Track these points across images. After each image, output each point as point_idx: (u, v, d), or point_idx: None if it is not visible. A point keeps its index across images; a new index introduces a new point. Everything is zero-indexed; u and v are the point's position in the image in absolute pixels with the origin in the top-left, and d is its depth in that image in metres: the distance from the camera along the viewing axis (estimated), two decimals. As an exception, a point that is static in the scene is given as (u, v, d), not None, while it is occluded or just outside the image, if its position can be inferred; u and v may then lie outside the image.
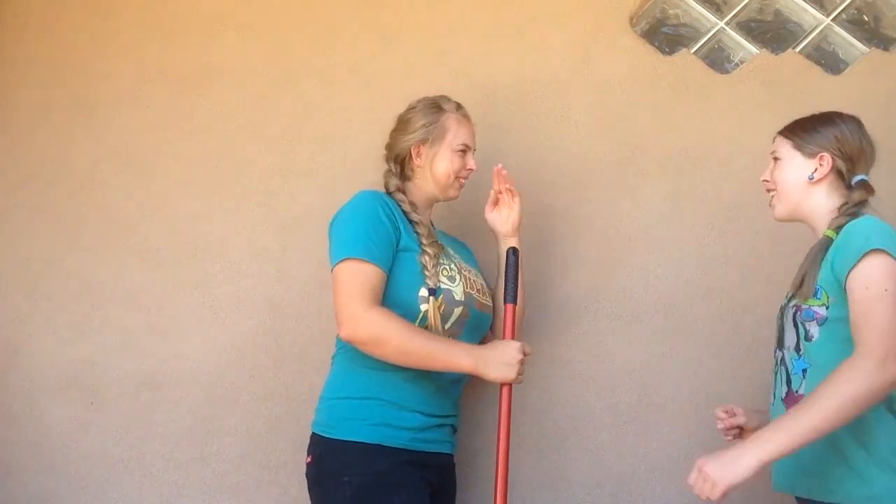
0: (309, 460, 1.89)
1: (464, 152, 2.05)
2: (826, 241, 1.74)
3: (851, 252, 1.64)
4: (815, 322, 1.71)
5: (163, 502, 2.30)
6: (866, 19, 2.54)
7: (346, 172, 2.42)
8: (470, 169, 2.07)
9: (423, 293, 1.88)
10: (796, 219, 1.87)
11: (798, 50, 2.47)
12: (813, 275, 1.72)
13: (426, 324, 1.87)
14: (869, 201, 1.80)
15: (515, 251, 2.01)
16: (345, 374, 1.93)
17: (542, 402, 2.26)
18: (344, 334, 1.82)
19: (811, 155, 1.81)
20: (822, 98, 2.26)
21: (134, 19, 2.60)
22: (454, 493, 2.04)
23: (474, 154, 2.08)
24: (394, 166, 2.06)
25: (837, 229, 1.73)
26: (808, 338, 1.73)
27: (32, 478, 2.34)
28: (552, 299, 2.32)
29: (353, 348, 1.84)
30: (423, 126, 2.03)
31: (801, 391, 1.73)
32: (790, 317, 1.78)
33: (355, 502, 1.78)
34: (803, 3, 2.53)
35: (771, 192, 1.88)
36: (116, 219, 2.48)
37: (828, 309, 1.69)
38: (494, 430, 1.89)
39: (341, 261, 1.85)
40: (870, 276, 1.61)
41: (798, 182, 1.82)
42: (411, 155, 2.04)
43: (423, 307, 1.87)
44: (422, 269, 1.89)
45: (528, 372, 1.96)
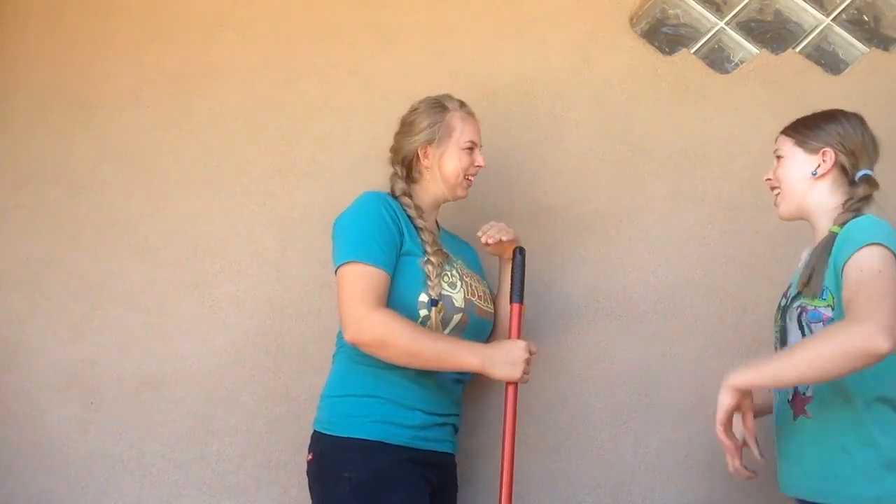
0: (310, 458, 1.88)
1: (471, 149, 2.03)
2: (831, 238, 1.73)
3: (851, 245, 1.64)
4: (821, 323, 1.69)
5: (163, 502, 2.30)
6: (866, 19, 2.54)
7: (346, 172, 2.42)
8: (478, 166, 2.05)
9: (422, 298, 1.87)
10: (800, 216, 1.86)
11: (798, 50, 2.47)
12: (821, 272, 1.70)
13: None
14: (874, 196, 1.79)
15: (522, 251, 2.02)
16: (346, 372, 1.92)
17: (542, 402, 2.26)
18: (349, 337, 1.81)
19: (814, 151, 1.81)
20: (822, 98, 2.25)
21: (134, 19, 2.61)
22: (455, 493, 2.03)
23: (481, 150, 2.07)
24: (400, 169, 2.04)
25: (842, 225, 1.72)
26: None
27: (32, 478, 2.34)
28: (552, 299, 2.32)
29: (354, 346, 1.84)
30: (428, 126, 2.01)
31: (808, 393, 1.72)
32: (795, 317, 1.76)
33: (354, 499, 1.77)
34: (803, 3, 2.53)
35: (775, 191, 1.88)
36: (116, 219, 2.48)
37: (833, 310, 1.69)
38: (495, 430, 1.89)
39: (345, 263, 1.84)
40: (865, 261, 1.61)
41: (801, 178, 1.82)
42: (418, 156, 2.02)
43: (421, 312, 1.86)
44: (425, 276, 1.89)
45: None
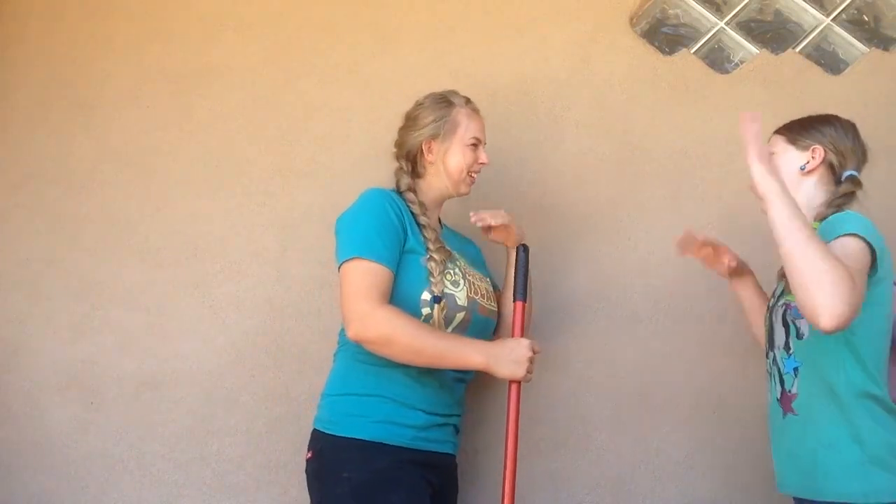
0: (309, 456, 1.87)
1: (475, 146, 2.02)
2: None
3: (829, 235, 1.66)
4: (804, 319, 1.71)
5: (163, 502, 2.30)
6: (866, 19, 2.54)
7: (346, 172, 2.42)
8: (482, 163, 2.04)
9: (425, 297, 1.86)
10: None
11: (798, 50, 2.47)
12: None
13: None
14: (857, 195, 1.82)
15: (526, 248, 2.01)
16: (347, 371, 1.91)
17: (542, 402, 2.26)
18: (352, 334, 1.79)
19: (805, 148, 1.85)
20: (822, 98, 2.26)
21: (134, 19, 2.61)
22: (455, 495, 2.01)
23: (485, 147, 2.06)
24: (405, 164, 2.03)
25: (823, 220, 1.75)
26: (799, 335, 1.73)
27: (32, 478, 2.33)
28: (552, 299, 2.32)
29: (356, 344, 1.82)
30: (433, 121, 2.01)
31: (794, 390, 1.73)
32: (779, 315, 1.79)
33: (353, 499, 1.76)
34: (803, 3, 2.53)
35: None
36: (116, 219, 2.48)
37: None
38: (495, 430, 1.89)
39: (349, 259, 1.83)
40: (838, 249, 1.61)
41: (790, 173, 1.85)
42: (422, 151, 2.01)
43: (424, 311, 1.86)
44: (427, 274, 1.88)
45: (529, 372, 1.96)
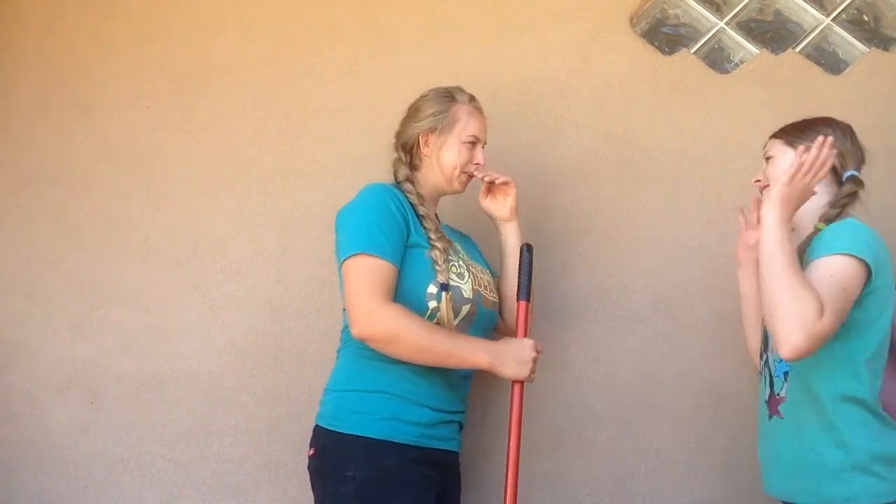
0: (311, 453, 1.85)
1: (473, 144, 2.01)
2: (814, 234, 1.75)
3: (823, 249, 1.66)
4: None
5: (163, 502, 2.30)
6: (866, 19, 2.54)
7: (346, 172, 2.42)
8: (477, 163, 2.02)
9: (431, 290, 1.84)
10: None
11: (798, 50, 2.47)
12: None
13: (435, 321, 1.83)
14: (859, 195, 1.80)
15: (530, 248, 2.00)
16: (352, 367, 1.88)
17: (542, 401, 2.26)
18: (357, 332, 1.78)
19: (804, 151, 1.80)
20: (822, 98, 2.26)
21: (134, 19, 2.60)
22: (459, 494, 1.99)
23: (484, 148, 2.05)
24: (403, 155, 2.02)
25: (828, 221, 1.74)
26: None
27: (32, 478, 2.34)
28: (552, 299, 2.32)
29: (362, 341, 1.80)
30: (432, 114, 1.99)
31: (782, 393, 1.74)
32: None
33: (358, 499, 1.74)
34: (803, 3, 2.53)
35: (765, 191, 1.88)
36: (116, 219, 2.48)
37: None
38: (496, 430, 1.89)
39: (352, 256, 1.81)
40: (829, 264, 1.63)
41: None
42: (419, 143, 2.00)
43: (430, 304, 1.84)
44: (431, 264, 1.86)
45: (529, 371, 1.96)
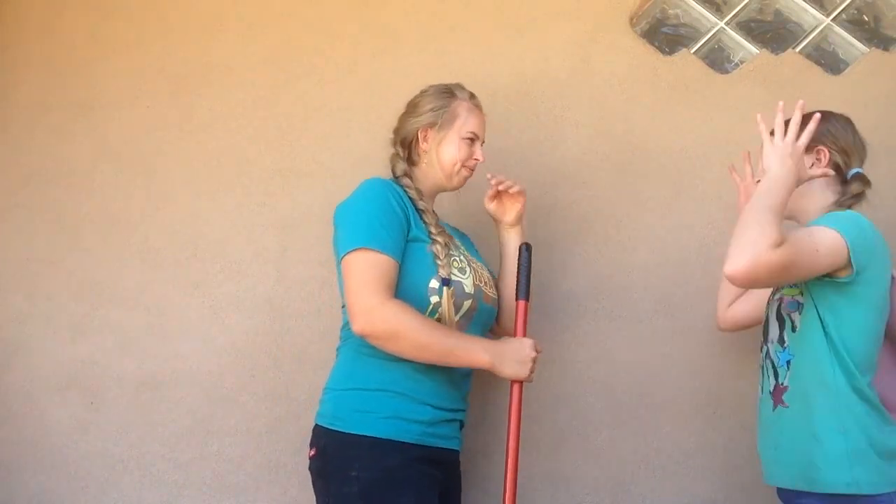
0: (312, 453, 1.84)
1: (472, 141, 2.00)
2: None
3: (823, 221, 1.68)
4: (797, 312, 1.72)
5: (163, 502, 2.30)
6: (866, 19, 2.54)
7: (346, 172, 2.42)
8: (476, 159, 2.01)
9: (433, 285, 1.83)
10: (790, 216, 1.85)
11: (798, 50, 2.47)
12: None
13: (437, 316, 1.82)
14: (866, 194, 1.80)
15: (529, 247, 2.00)
16: (353, 364, 1.86)
17: (542, 401, 2.26)
18: (357, 328, 1.76)
19: (807, 150, 1.79)
20: (822, 98, 2.26)
21: (134, 19, 2.60)
22: (460, 493, 1.98)
23: (482, 145, 2.04)
24: (401, 150, 2.01)
25: None
26: (794, 329, 1.74)
27: (32, 478, 2.34)
28: (552, 299, 2.32)
29: (362, 338, 1.79)
30: (431, 110, 1.99)
31: (785, 382, 1.74)
32: (774, 309, 1.80)
33: (363, 499, 1.73)
34: (803, 3, 2.53)
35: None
36: (116, 219, 2.48)
37: (803, 294, 1.72)
38: (495, 431, 1.89)
39: (352, 250, 1.79)
40: (813, 228, 1.64)
41: None
42: (417, 139, 1.99)
43: (432, 299, 1.82)
44: (433, 259, 1.85)
45: (529, 371, 1.96)
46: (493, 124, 2.19)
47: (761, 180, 1.69)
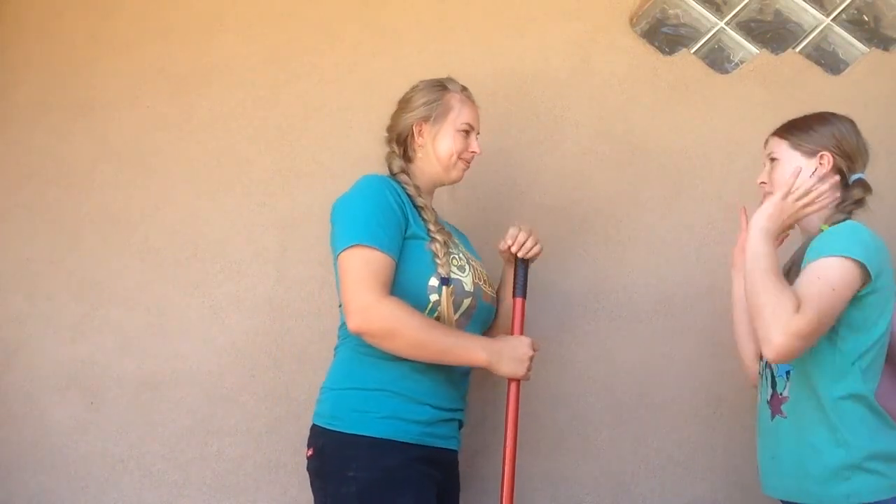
0: (310, 453, 1.82)
1: (467, 133, 1.98)
2: (817, 235, 1.74)
3: (822, 251, 1.65)
4: None
5: (163, 502, 2.30)
6: (866, 19, 2.54)
7: (346, 172, 2.40)
8: (473, 151, 1.99)
9: (432, 283, 1.81)
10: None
11: (798, 50, 2.47)
12: (795, 272, 1.71)
13: (436, 314, 1.80)
14: (866, 200, 1.79)
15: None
16: (351, 364, 1.84)
17: (541, 401, 2.26)
18: (353, 326, 1.74)
19: (810, 154, 1.79)
20: (822, 98, 2.26)
21: (134, 19, 2.61)
22: (458, 493, 1.97)
23: (478, 137, 2.02)
24: (396, 147, 1.99)
25: (833, 225, 1.73)
26: None
27: (32, 478, 2.34)
28: (552, 299, 2.32)
29: (359, 336, 1.77)
30: (424, 104, 1.97)
31: (784, 393, 1.73)
32: None
33: (361, 499, 1.71)
34: (803, 3, 2.53)
35: (769, 195, 1.87)
36: (116, 219, 2.48)
37: None
38: (494, 430, 1.89)
39: (348, 247, 1.77)
40: (821, 265, 1.63)
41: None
42: (413, 134, 1.97)
43: (432, 297, 1.81)
44: (432, 257, 1.83)
45: (528, 371, 1.96)
46: (493, 124, 2.19)
47: (748, 241, 1.72)
